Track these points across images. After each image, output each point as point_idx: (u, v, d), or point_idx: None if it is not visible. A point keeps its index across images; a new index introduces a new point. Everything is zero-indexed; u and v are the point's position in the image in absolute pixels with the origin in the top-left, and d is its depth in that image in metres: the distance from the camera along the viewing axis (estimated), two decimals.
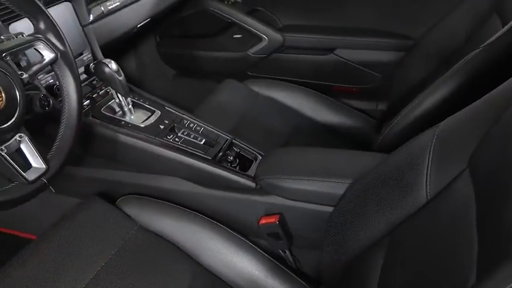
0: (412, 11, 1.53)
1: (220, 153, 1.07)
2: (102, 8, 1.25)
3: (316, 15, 1.69)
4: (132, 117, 1.11)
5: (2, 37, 0.83)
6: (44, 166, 0.78)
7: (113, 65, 1.03)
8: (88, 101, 1.11)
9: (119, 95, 1.06)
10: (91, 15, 1.20)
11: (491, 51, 0.89)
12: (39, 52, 0.83)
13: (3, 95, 0.72)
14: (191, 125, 1.14)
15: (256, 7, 1.77)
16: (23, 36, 0.84)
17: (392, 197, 0.72)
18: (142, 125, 1.09)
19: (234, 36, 1.81)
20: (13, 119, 0.74)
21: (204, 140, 1.10)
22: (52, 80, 1.04)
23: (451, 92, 0.94)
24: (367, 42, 1.61)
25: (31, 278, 0.84)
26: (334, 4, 1.64)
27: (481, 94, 0.70)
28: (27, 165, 0.78)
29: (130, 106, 1.10)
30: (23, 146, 0.77)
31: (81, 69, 1.12)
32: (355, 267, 0.78)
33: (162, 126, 1.10)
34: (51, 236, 0.93)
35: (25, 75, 0.78)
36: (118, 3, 1.31)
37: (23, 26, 0.95)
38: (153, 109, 1.15)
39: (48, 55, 0.83)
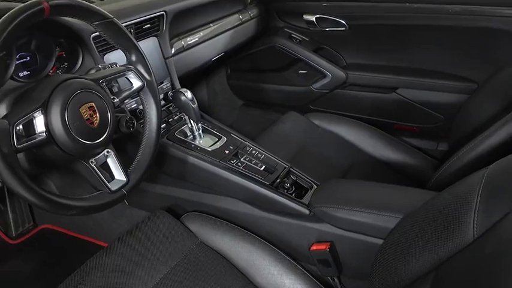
0: (476, 56, 1.52)
1: (278, 180, 1.12)
2: (183, 43, 1.39)
3: (380, 55, 1.73)
4: (201, 141, 1.20)
5: (99, 66, 0.97)
6: (125, 179, 0.89)
7: (189, 94, 1.15)
8: (164, 124, 1.22)
9: (191, 120, 1.17)
10: (173, 49, 1.34)
11: None
12: (129, 80, 0.96)
13: (98, 115, 0.83)
14: (253, 151, 1.21)
15: (322, 45, 1.84)
16: (116, 66, 0.97)
17: (439, 234, 0.74)
18: (209, 149, 1.17)
19: (300, 71, 1.90)
20: (104, 137, 0.85)
21: (264, 167, 1.16)
22: (135, 105, 1.17)
23: (507, 136, 0.95)
24: (431, 84, 1.62)
25: (101, 282, 0.93)
26: (398, 46, 1.67)
27: None
28: (111, 177, 0.88)
29: (200, 131, 1.20)
30: (109, 160, 0.88)
31: (161, 96, 1.25)
32: None
33: (227, 151, 1.18)
34: (122, 244, 1.02)
35: (116, 100, 0.91)
36: (197, 39, 1.45)
37: (115, 57, 1.10)
38: (220, 135, 1.24)
39: (136, 83, 0.95)
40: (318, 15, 1.73)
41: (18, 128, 0.72)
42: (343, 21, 1.68)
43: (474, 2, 1.41)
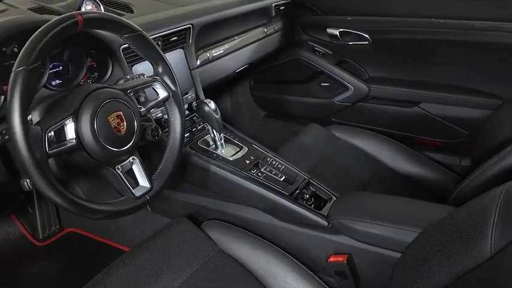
0: (501, 72, 1.50)
1: (298, 191, 1.14)
2: (208, 55, 1.43)
3: (404, 69, 1.73)
4: (223, 151, 1.22)
5: (128, 76, 1.01)
6: (149, 185, 0.91)
7: (212, 105, 1.18)
8: (188, 133, 1.25)
9: (214, 130, 1.19)
10: (198, 61, 1.38)
11: None
12: (155, 91, 0.99)
13: (125, 123, 0.87)
14: (273, 162, 1.22)
15: (345, 58, 1.86)
16: (144, 76, 1.01)
17: (457, 249, 0.74)
18: (231, 159, 1.20)
19: (322, 84, 1.91)
20: (130, 144, 0.88)
21: (283, 177, 1.17)
22: (160, 114, 1.21)
23: None
24: (454, 99, 1.61)
25: (122, 285, 0.95)
26: (421, 60, 1.67)
27: None
28: (135, 183, 0.91)
29: (222, 141, 1.22)
30: (134, 167, 0.91)
31: (185, 106, 1.27)
32: None
33: (247, 161, 1.20)
34: (143, 249, 1.05)
35: (143, 109, 0.94)
36: (222, 51, 1.49)
37: (143, 68, 1.14)
38: (242, 145, 1.26)
39: (162, 93, 0.98)
40: (341, 29, 1.75)
41: (50, 134, 0.75)
42: (366, 35, 1.70)
43: (500, 19, 1.41)
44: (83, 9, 1.17)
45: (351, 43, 1.76)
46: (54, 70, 1.00)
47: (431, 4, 1.53)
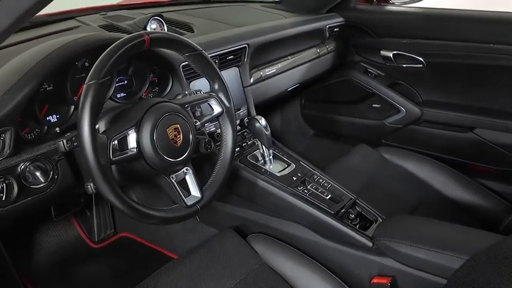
0: None
1: (343, 210, 1.14)
2: (261, 73, 1.47)
3: (458, 93, 1.70)
4: (271, 166, 1.25)
5: (186, 92, 1.07)
6: (200, 195, 0.96)
7: (263, 121, 1.22)
8: (238, 148, 1.29)
9: (263, 146, 1.23)
10: (251, 79, 1.43)
11: None
12: (210, 106, 1.04)
13: (181, 136, 0.92)
14: (320, 180, 1.24)
15: (397, 81, 1.85)
16: (200, 92, 1.06)
17: (506, 278, 0.73)
18: (278, 174, 1.22)
19: (373, 105, 1.90)
20: (184, 155, 0.93)
21: (329, 196, 1.18)
22: (214, 128, 1.26)
23: None
24: (510, 126, 1.55)
25: None
26: (477, 85, 1.63)
27: None
28: (187, 193, 0.96)
29: (271, 157, 1.26)
30: (187, 177, 0.96)
31: (237, 122, 1.31)
32: None
33: (294, 178, 1.22)
34: (191, 258, 1.09)
35: (198, 123, 0.99)
36: (274, 70, 1.53)
37: (200, 84, 1.20)
38: (290, 162, 1.29)
39: (217, 109, 1.03)
40: (395, 52, 1.75)
41: (114, 143, 0.81)
42: (420, 58, 1.68)
43: None
44: (148, 28, 1.25)
45: (404, 65, 1.76)
46: (120, 84, 1.08)
47: (487, 29, 1.50)
